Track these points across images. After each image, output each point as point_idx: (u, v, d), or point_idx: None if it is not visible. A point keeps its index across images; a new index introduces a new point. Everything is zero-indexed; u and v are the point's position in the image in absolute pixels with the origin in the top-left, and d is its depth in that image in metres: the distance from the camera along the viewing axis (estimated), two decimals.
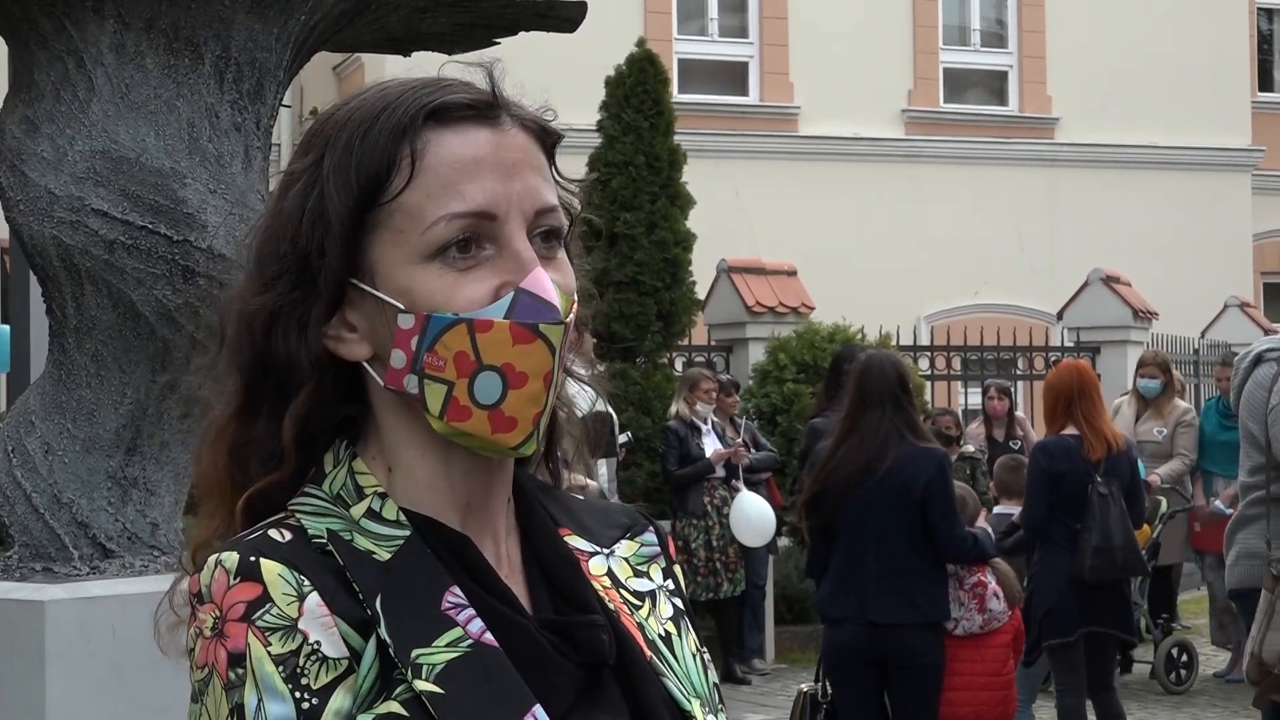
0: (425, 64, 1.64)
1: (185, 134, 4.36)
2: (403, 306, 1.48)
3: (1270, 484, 6.56)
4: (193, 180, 4.33)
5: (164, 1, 4.32)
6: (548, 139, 1.57)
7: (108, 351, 4.40)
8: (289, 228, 1.51)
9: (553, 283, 1.48)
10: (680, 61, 19.81)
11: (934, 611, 6.82)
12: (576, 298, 1.54)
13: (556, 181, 1.57)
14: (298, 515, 1.50)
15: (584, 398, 1.69)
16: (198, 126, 4.38)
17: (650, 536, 1.71)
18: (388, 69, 14.19)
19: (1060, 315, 17.26)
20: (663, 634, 1.62)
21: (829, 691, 7.08)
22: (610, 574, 1.63)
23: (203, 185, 4.34)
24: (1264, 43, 24.54)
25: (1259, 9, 24.17)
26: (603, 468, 10.18)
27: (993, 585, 6.94)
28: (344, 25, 4.75)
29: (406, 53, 5.36)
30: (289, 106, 16.11)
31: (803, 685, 7.28)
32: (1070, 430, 8.11)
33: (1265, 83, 24.46)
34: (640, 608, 1.63)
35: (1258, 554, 6.60)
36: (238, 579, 1.43)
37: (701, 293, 14.47)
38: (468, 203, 1.47)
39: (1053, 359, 16.54)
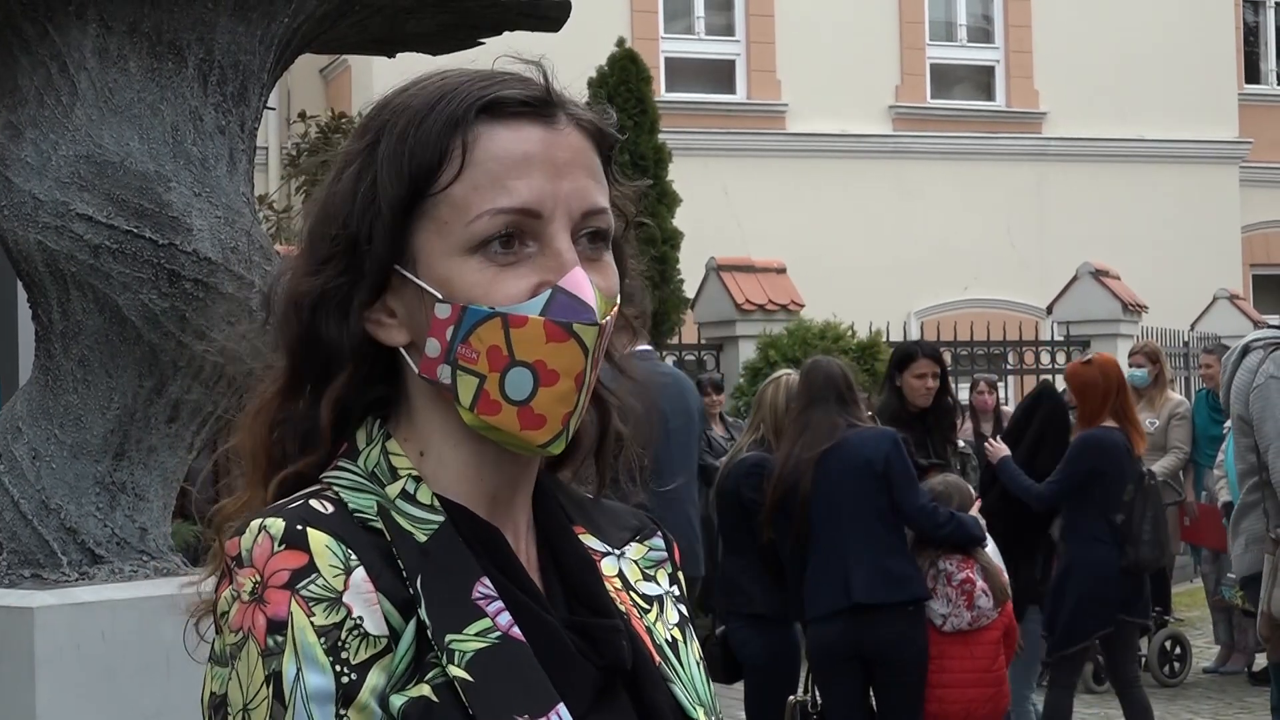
0: (417, 65, 1.63)
1: (169, 137, 4.35)
2: (441, 296, 1.48)
3: (1262, 468, 6.61)
4: (177, 184, 4.32)
5: (146, 5, 4.31)
6: (605, 140, 1.57)
7: (94, 356, 4.38)
8: (341, 210, 1.52)
9: (592, 284, 1.48)
10: (667, 60, 19.81)
11: (914, 588, 6.87)
12: (619, 301, 1.54)
13: (614, 182, 1.58)
14: (335, 489, 1.50)
15: None
16: (182, 130, 4.37)
17: (658, 541, 1.71)
18: (375, 71, 14.17)
19: (1050, 309, 17.26)
20: (669, 640, 1.62)
21: (819, 702, 7.11)
22: (621, 575, 1.64)
23: (187, 189, 4.33)
24: (1250, 35, 24.56)
25: (1245, 1, 24.19)
26: None
27: (980, 583, 6.95)
28: (327, 27, 4.74)
29: (391, 54, 5.35)
30: (273, 109, 16.09)
31: (791, 696, 7.29)
32: (1109, 423, 8.09)
33: (1252, 75, 24.48)
34: (649, 611, 1.63)
35: (1264, 538, 6.65)
36: (282, 546, 1.42)
37: (690, 291, 14.47)
38: (513, 199, 1.47)
39: (1044, 353, 16.58)
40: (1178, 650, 11.69)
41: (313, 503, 1.48)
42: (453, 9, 4.94)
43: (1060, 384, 15.79)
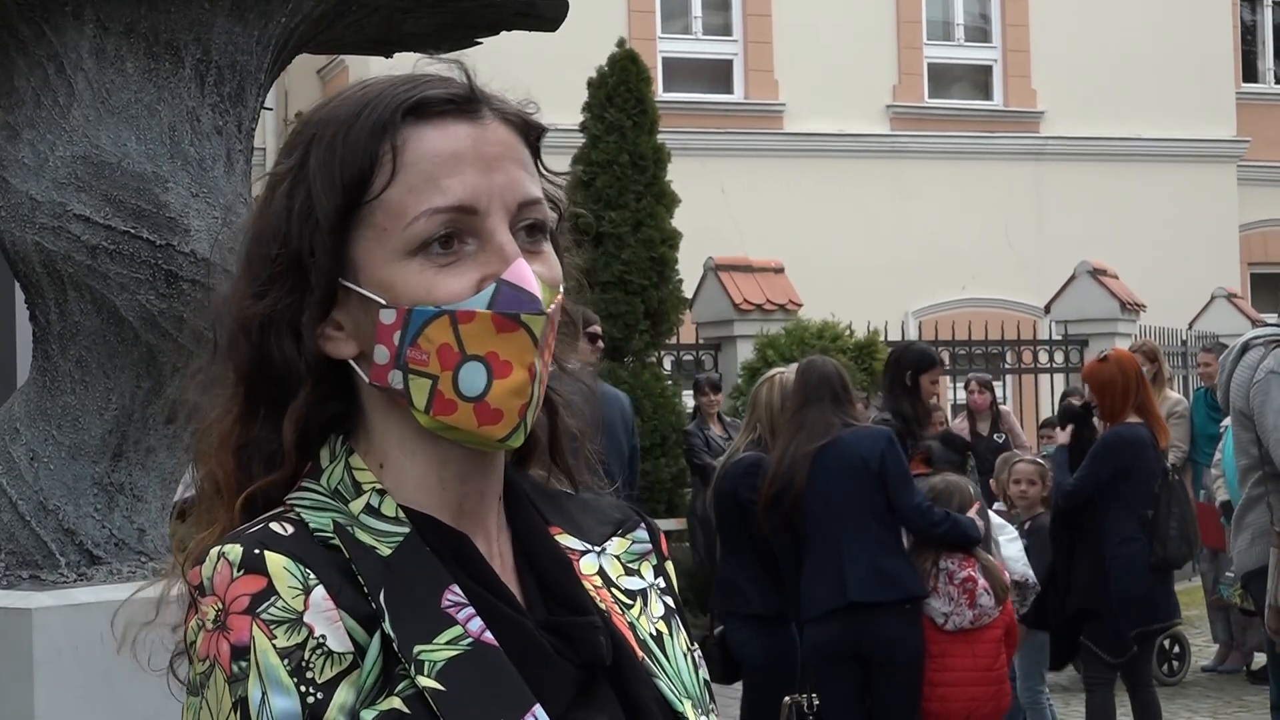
0: (409, 64, 1.63)
1: (166, 138, 4.34)
2: (384, 302, 1.48)
3: (1264, 463, 6.65)
4: (175, 184, 4.31)
5: (143, 5, 4.31)
6: (531, 132, 1.56)
7: (92, 357, 4.38)
8: (279, 229, 1.51)
9: (536, 275, 1.48)
10: (664, 60, 19.80)
11: (910, 586, 6.87)
12: (563, 291, 1.54)
13: (542, 175, 1.57)
14: (297, 510, 1.50)
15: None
16: (179, 130, 4.36)
17: (642, 533, 1.69)
18: (372, 72, 14.10)
19: (1048, 308, 17.26)
20: (654, 633, 1.61)
21: (815, 704, 7.10)
22: (601, 572, 1.63)
23: (185, 189, 4.32)
24: (1248, 33, 24.55)
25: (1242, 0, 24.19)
26: None
27: (982, 581, 6.95)
28: (324, 27, 4.74)
29: (388, 54, 5.35)
30: (271, 109, 16.09)
31: (787, 696, 7.28)
32: (1134, 419, 8.08)
33: (1249, 73, 24.48)
34: (631, 606, 1.62)
35: (1270, 531, 6.68)
36: (241, 571, 1.42)
37: (689, 291, 14.48)
38: (448, 197, 1.47)
39: (1043, 352, 16.58)
40: (1176, 649, 11.69)
41: (272, 525, 1.47)
42: (450, 9, 4.93)
43: (1060, 384, 15.84)
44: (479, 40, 5.18)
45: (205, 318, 1.63)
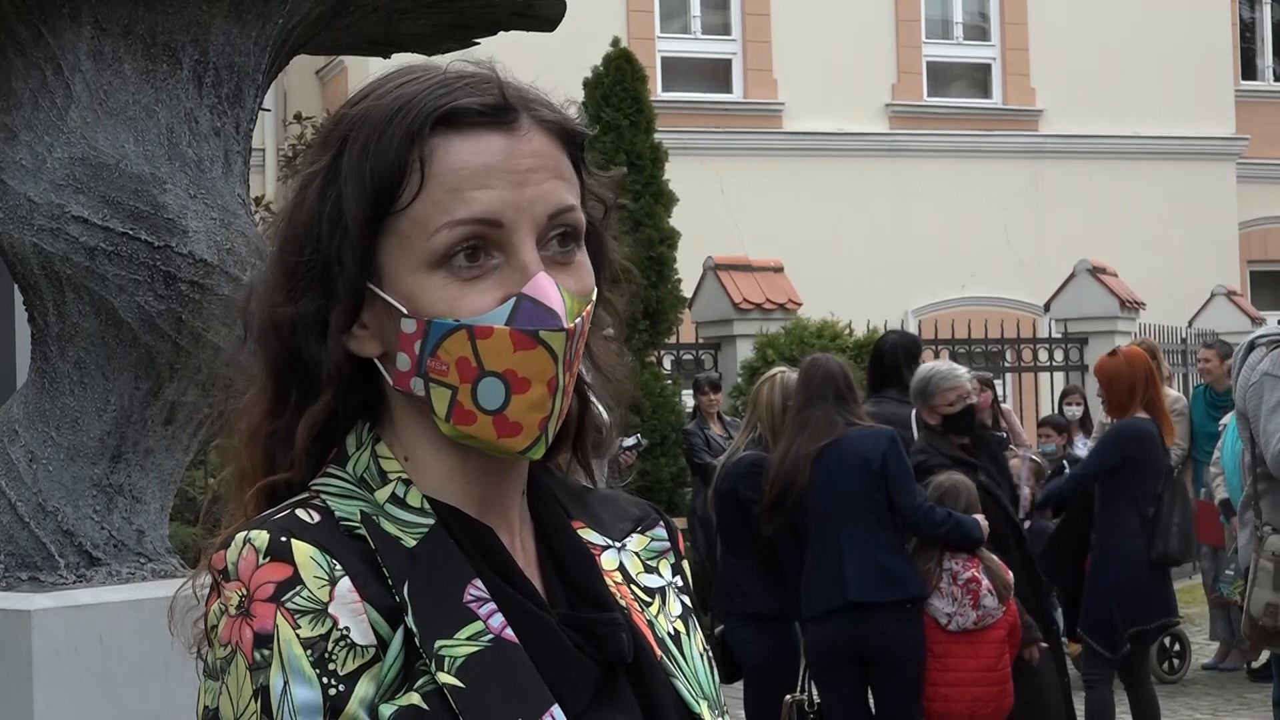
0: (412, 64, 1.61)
1: (164, 139, 4.34)
2: (406, 311, 1.47)
3: (1257, 464, 6.68)
4: (173, 185, 4.31)
5: (141, 6, 4.31)
6: (572, 137, 1.54)
7: (90, 359, 4.38)
8: (311, 230, 1.51)
9: (561, 289, 1.46)
10: (663, 60, 19.81)
11: (910, 587, 6.86)
12: (594, 298, 1.52)
13: (590, 174, 1.56)
14: (323, 496, 1.50)
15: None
16: (177, 131, 4.36)
17: (660, 531, 1.69)
18: (371, 72, 14.10)
19: (1047, 307, 17.26)
20: (671, 632, 1.61)
21: (815, 702, 7.10)
22: (622, 569, 1.62)
23: (183, 190, 4.32)
24: (1247, 31, 24.55)
25: None
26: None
27: (986, 582, 6.94)
28: (322, 28, 4.74)
29: (386, 54, 5.35)
30: (269, 110, 16.09)
31: (788, 695, 7.28)
32: (1141, 415, 8.09)
33: (1249, 71, 24.47)
34: (650, 604, 1.61)
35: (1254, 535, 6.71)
36: (267, 558, 1.41)
37: (688, 291, 14.48)
38: (470, 210, 1.45)
39: (1042, 350, 16.58)
40: (1177, 647, 11.68)
41: (299, 512, 1.47)
42: (447, 9, 4.93)
43: (1060, 382, 15.85)
44: (477, 40, 5.19)
45: (237, 307, 1.62)
